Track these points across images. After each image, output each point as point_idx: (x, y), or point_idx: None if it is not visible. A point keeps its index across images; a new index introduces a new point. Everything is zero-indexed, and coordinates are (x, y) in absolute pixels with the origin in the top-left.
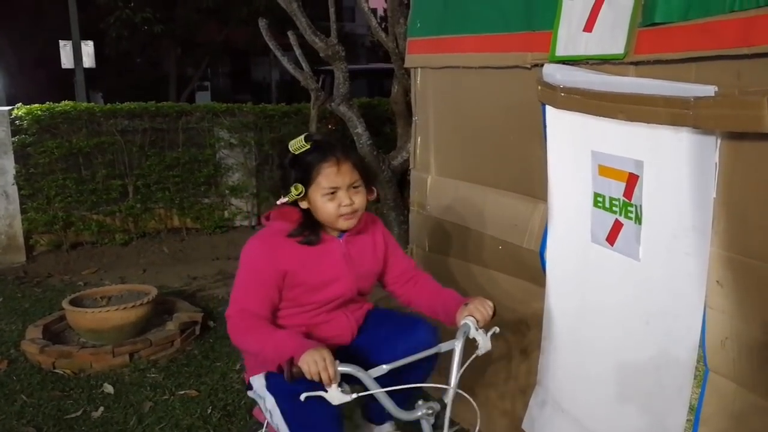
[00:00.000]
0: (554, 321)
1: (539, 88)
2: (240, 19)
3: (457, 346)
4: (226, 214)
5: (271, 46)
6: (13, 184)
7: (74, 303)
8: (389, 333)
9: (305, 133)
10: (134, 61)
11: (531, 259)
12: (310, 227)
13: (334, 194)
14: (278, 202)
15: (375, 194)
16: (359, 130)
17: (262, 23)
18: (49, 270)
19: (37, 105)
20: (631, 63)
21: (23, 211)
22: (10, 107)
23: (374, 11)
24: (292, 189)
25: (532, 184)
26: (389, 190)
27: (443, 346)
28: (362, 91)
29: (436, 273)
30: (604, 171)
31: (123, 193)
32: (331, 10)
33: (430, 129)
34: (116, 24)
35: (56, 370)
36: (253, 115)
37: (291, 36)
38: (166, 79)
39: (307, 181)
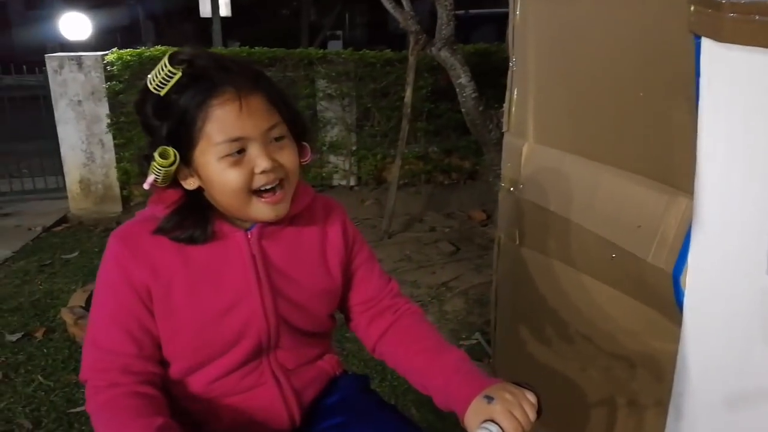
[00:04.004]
0: (693, 376)
1: (692, 8)
2: None
3: None
4: (323, 172)
5: None
6: (107, 132)
7: None
8: None
9: (169, 52)
10: (270, 9)
11: (659, 281)
12: (191, 213)
13: (242, 154)
14: (145, 186)
15: (309, 155)
16: (463, 80)
17: None
18: None
19: (128, 50)
20: None
21: (118, 161)
22: (104, 53)
23: None
24: (156, 157)
25: (670, 165)
26: (497, 154)
27: None
28: (491, 37)
29: (529, 273)
30: None
31: None
32: None
33: (530, 78)
34: None
35: None
36: (353, 63)
37: None
38: (300, 27)
39: (185, 137)
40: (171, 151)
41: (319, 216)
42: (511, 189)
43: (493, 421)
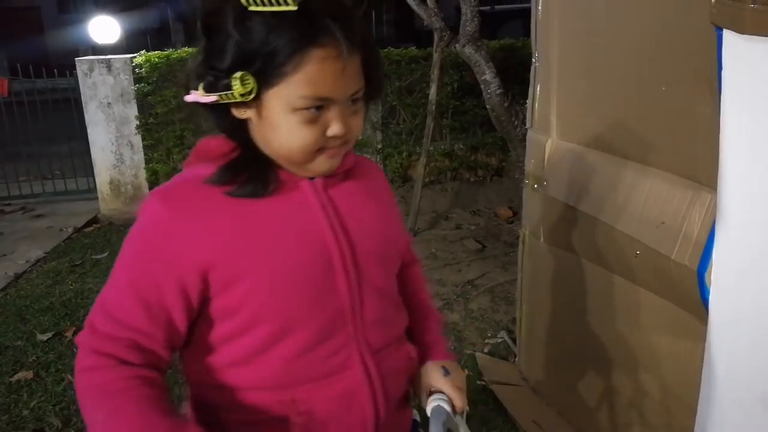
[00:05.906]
0: (720, 374)
1: (713, 0)
2: None
3: None
4: None
5: None
6: (136, 134)
7: None
8: None
9: None
10: None
11: (684, 279)
12: (251, 163)
13: (320, 111)
14: (189, 98)
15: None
16: (487, 76)
17: None
18: None
19: (156, 52)
20: None
21: (147, 162)
22: (132, 55)
23: None
24: (235, 82)
25: (694, 160)
26: (523, 150)
27: None
28: (518, 33)
29: (554, 271)
30: None
31: None
32: None
33: (553, 74)
34: None
35: None
36: None
37: None
38: None
39: (264, 73)
40: (253, 81)
41: (368, 170)
42: (536, 186)
43: (441, 392)
